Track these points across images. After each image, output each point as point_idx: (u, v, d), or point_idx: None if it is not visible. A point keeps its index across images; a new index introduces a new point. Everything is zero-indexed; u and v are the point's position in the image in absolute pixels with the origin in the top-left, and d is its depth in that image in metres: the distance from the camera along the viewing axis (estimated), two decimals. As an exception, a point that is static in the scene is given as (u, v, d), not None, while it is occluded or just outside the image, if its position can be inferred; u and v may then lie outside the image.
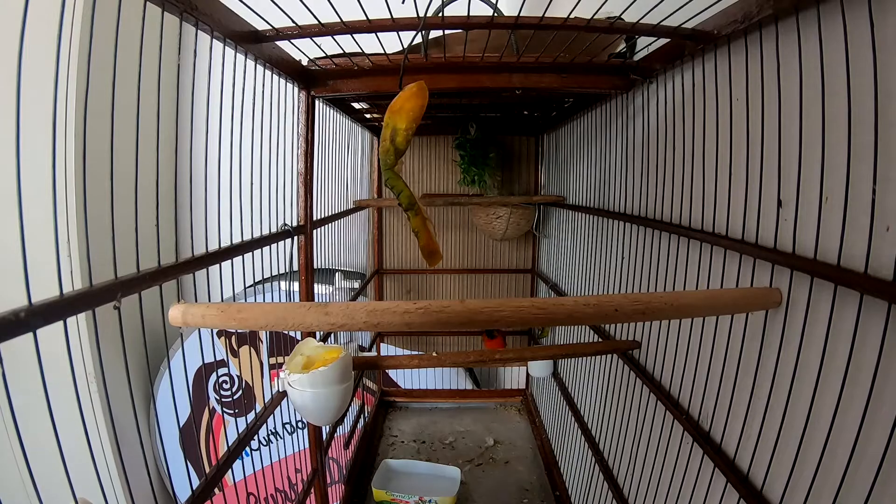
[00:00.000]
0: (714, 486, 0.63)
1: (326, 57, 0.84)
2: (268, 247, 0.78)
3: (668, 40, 0.73)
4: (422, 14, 0.63)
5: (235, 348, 1.77)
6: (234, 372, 1.78)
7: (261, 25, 0.67)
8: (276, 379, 0.70)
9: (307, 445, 1.04)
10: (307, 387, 0.68)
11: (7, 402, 0.37)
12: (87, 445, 0.48)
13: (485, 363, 0.90)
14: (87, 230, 0.48)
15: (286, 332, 1.66)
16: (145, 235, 0.53)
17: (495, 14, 0.71)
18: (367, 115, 1.39)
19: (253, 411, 1.79)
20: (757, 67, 0.56)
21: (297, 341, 0.82)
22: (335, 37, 0.71)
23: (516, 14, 0.65)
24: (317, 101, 0.93)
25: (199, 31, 0.55)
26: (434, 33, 0.84)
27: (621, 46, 0.86)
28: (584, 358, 1.19)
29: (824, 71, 0.47)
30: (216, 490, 0.65)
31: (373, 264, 1.78)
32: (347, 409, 1.24)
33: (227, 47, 0.62)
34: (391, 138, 0.58)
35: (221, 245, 0.67)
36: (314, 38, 0.70)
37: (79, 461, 0.43)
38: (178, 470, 1.74)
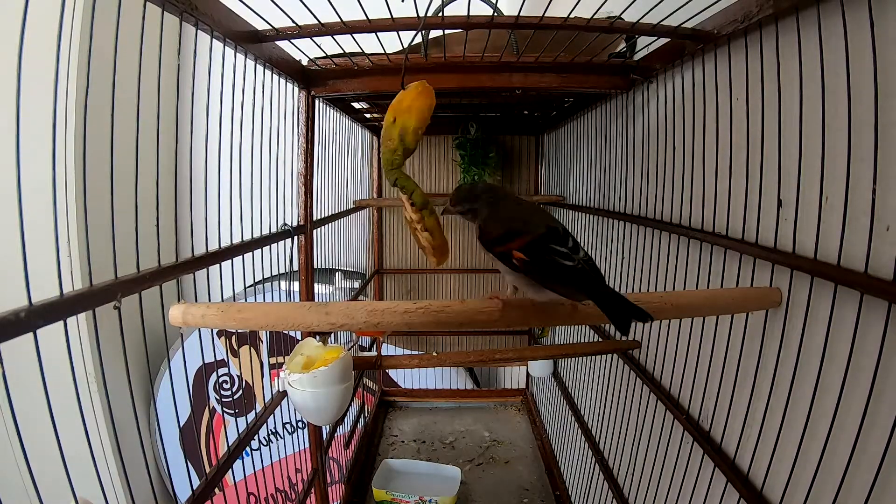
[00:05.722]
0: (714, 486, 0.63)
1: (326, 57, 0.84)
2: (268, 247, 0.78)
3: (668, 40, 0.73)
4: (422, 14, 0.63)
5: (235, 348, 1.77)
6: (235, 372, 1.78)
7: (261, 25, 0.67)
8: (276, 379, 0.70)
9: (307, 445, 1.04)
10: (307, 387, 0.68)
11: (7, 402, 0.37)
12: (88, 445, 0.48)
13: (485, 363, 0.90)
14: (87, 230, 0.48)
15: (286, 332, 1.66)
16: (145, 235, 0.53)
17: (495, 14, 0.71)
18: (367, 115, 1.39)
19: (253, 411, 1.79)
20: (757, 67, 0.56)
21: (297, 341, 0.82)
22: (335, 37, 0.71)
23: (516, 14, 0.65)
24: (317, 101, 0.93)
25: (199, 31, 0.55)
26: (434, 33, 0.84)
27: (621, 46, 0.86)
28: (584, 358, 1.19)
29: (824, 71, 0.47)
30: (216, 490, 0.65)
31: (373, 264, 1.78)
32: (347, 409, 1.24)
33: (227, 47, 0.62)
34: (400, 137, 0.57)
35: (221, 245, 0.67)
36: (314, 38, 0.70)
37: (79, 461, 0.43)
38: (179, 470, 1.74)
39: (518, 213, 0.52)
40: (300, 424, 1.66)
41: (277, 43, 0.72)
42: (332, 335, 1.19)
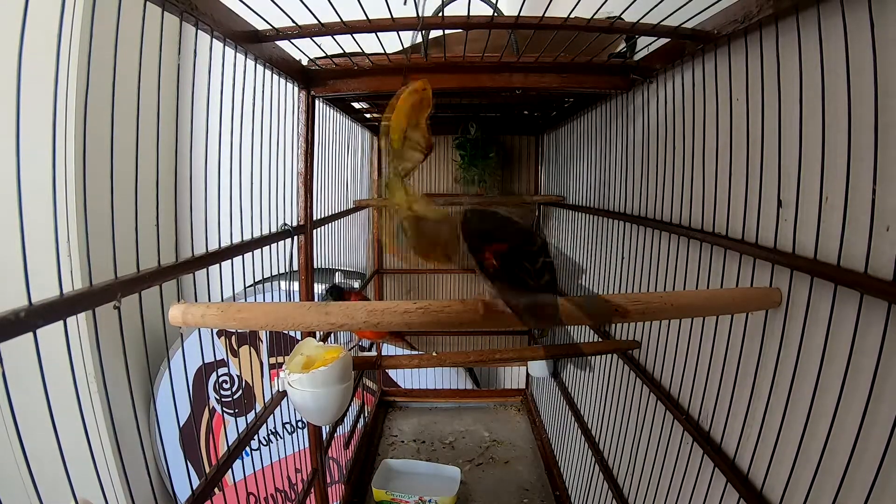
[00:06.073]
0: (714, 486, 0.63)
1: (326, 57, 0.84)
2: (268, 247, 0.78)
3: (668, 40, 0.73)
4: (421, 14, 0.63)
5: (235, 348, 1.77)
6: (234, 372, 1.78)
7: (261, 25, 0.67)
8: (276, 379, 0.70)
9: (307, 445, 1.04)
10: (307, 387, 0.68)
11: (7, 402, 0.37)
12: (88, 445, 0.48)
13: (485, 363, 0.90)
14: (87, 230, 0.48)
15: (286, 332, 1.66)
16: (145, 235, 0.53)
17: (495, 14, 0.71)
18: (367, 115, 1.39)
19: (253, 411, 1.79)
20: (757, 67, 0.56)
21: (297, 341, 0.82)
22: (335, 37, 0.71)
23: (516, 14, 0.65)
24: (317, 101, 0.93)
25: (199, 31, 0.55)
26: (434, 33, 0.84)
27: (621, 46, 0.86)
28: (584, 358, 1.19)
29: (824, 71, 0.47)
30: (216, 490, 0.65)
31: (373, 264, 1.78)
32: (347, 409, 1.24)
33: (227, 47, 0.62)
34: (387, 137, 0.58)
35: (221, 245, 0.67)
36: (314, 38, 0.70)
37: (79, 461, 0.43)
38: (178, 470, 1.74)
39: (499, 223, 0.52)
40: (300, 424, 1.66)
41: (277, 43, 0.71)
42: (332, 335, 1.19)
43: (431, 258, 0.62)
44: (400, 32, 0.70)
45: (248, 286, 1.64)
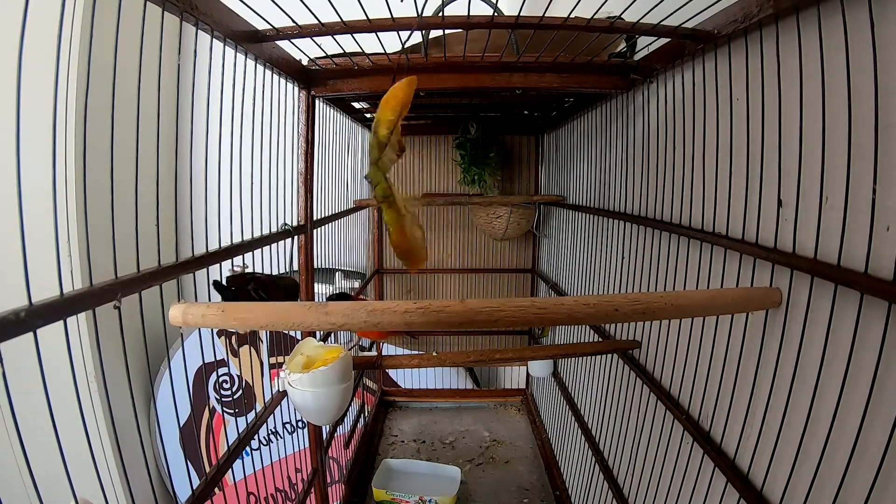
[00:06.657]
0: (714, 486, 0.63)
1: (327, 57, 0.84)
2: (268, 246, 0.78)
3: (669, 40, 0.73)
4: (421, 14, 0.63)
5: (235, 348, 1.77)
6: (235, 371, 1.78)
7: (261, 25, 0.67)
8: (276, 378, 0.70)
9: (307, 445, 1.04)
10: (307, 386, 0.68)
11: (7, 402, 0.37)
12: (88, 445, 0.48)
13: (485, 363, 0.90)
14: (87, 230, 0.48)
15: (286, 332, 1.66)
16: (145, 235, 0.53)
17: (495, 14, 0.71)
18: (368, 115, 1.39)
19: (253, 411, 1.79)
20: (757, 67, 0.56)
21: (297, 341, 0.82)
22: (335, 36, 0.71)
23: (516, 14, 0.65)
24: (317, 101, 0.93)
25: (199, 31, 0.55)
26: (434, 33, 0.84)
27: (621, 46, 0.86)
28: (584, 358, 1.19)
29: (824, 71, 0.47)
30: (216, 490, 0.65)
31: (373, 264, 1.78)
32: (347, 409, 1.24)
33: (227, 47, 0.62)
34: (374, 130, 0.58)
35: (221, 245, 0.67)
36: (314, 38, 0.70)
37: (79, 461, 0.43)
38: (179, 470, 1.74)
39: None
40: (300, 424, 1.66)
41: (277, 43, 0.72)
42: (332, 335, 1.19)
43: (403, 256, 0.62)
44: (400, 32, 0.70)
45: (249, 286, 1.64)
